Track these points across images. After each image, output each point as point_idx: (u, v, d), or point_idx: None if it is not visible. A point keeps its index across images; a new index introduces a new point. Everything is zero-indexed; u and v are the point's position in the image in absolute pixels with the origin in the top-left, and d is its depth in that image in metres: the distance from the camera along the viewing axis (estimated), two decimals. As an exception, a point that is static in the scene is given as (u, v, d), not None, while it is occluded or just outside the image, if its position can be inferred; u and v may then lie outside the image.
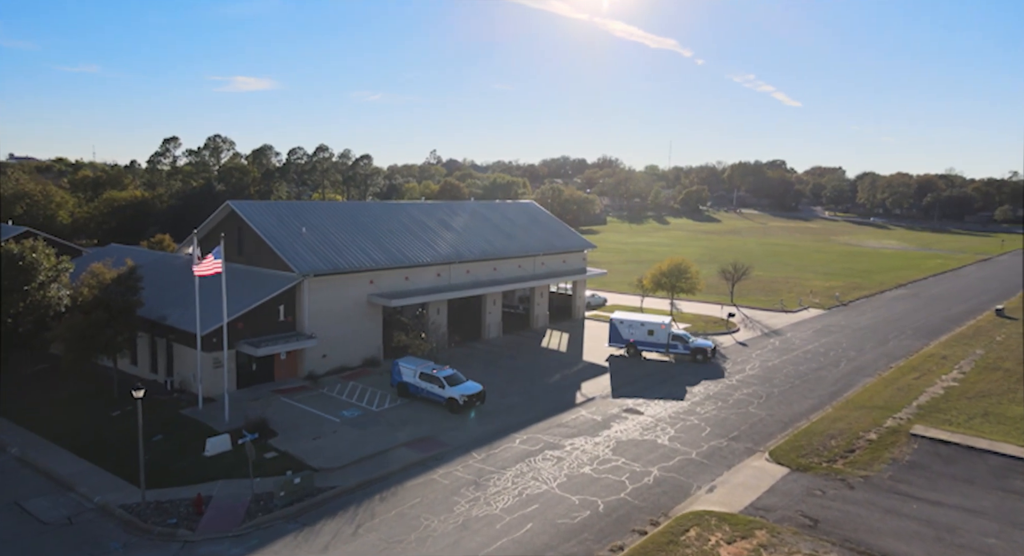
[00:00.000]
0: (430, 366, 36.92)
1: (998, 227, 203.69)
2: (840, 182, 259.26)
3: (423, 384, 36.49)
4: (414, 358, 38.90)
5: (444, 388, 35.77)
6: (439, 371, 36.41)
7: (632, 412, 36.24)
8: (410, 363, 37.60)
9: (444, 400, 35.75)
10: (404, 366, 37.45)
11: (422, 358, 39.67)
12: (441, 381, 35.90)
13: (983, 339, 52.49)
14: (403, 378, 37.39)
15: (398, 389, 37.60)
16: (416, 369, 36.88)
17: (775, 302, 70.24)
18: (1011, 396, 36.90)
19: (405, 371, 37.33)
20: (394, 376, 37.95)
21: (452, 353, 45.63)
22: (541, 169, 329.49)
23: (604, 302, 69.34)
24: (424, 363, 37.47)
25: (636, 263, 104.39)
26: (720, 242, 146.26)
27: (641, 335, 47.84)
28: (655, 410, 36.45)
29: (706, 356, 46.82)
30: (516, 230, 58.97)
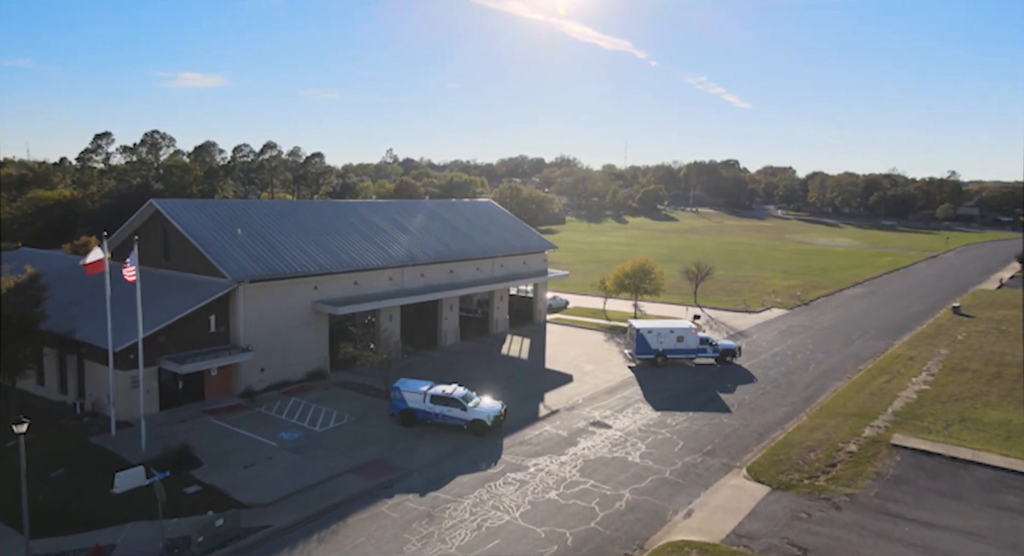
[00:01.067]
0: (438, 387, 32.81)
1: (940, 224, 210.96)
2: (791, 182, 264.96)
3: (436, 408, 32.05)
4: (412, 380, 34.14)
5: (466, 410, 31.83)
6: (454, 391, 32.46)
7: (600, 425, 33.74)
8: (412, 386, 32.88)
9: (467, 423, 31.81)
10: (407, 391, 32.53)
11: (372, 369, 36.34)
12: (460, 402, 31.96)
13: (945, 338, 52.18)
14: (408, 405, 32.40)
15: (401, 418, 32.55)
16: (423, 392, 32.33)
17: (738, 302, 69.21)
18: (984, 399, 35.94)
19: (410, 397, 32.38)
20: (395, 404, 32.81)
21: (406, 363, 42.37)
22: (499, 168, 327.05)
23: (566, 305, 67.01)
24: (427, 384, 33.17)
25: (596, 263, 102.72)
26: (679, 241, 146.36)
27: (671, 343, 45.12)
28: (624, 423, 34.04)
29: (734, 357, 45.52)
30: (474, 231, 55.99)
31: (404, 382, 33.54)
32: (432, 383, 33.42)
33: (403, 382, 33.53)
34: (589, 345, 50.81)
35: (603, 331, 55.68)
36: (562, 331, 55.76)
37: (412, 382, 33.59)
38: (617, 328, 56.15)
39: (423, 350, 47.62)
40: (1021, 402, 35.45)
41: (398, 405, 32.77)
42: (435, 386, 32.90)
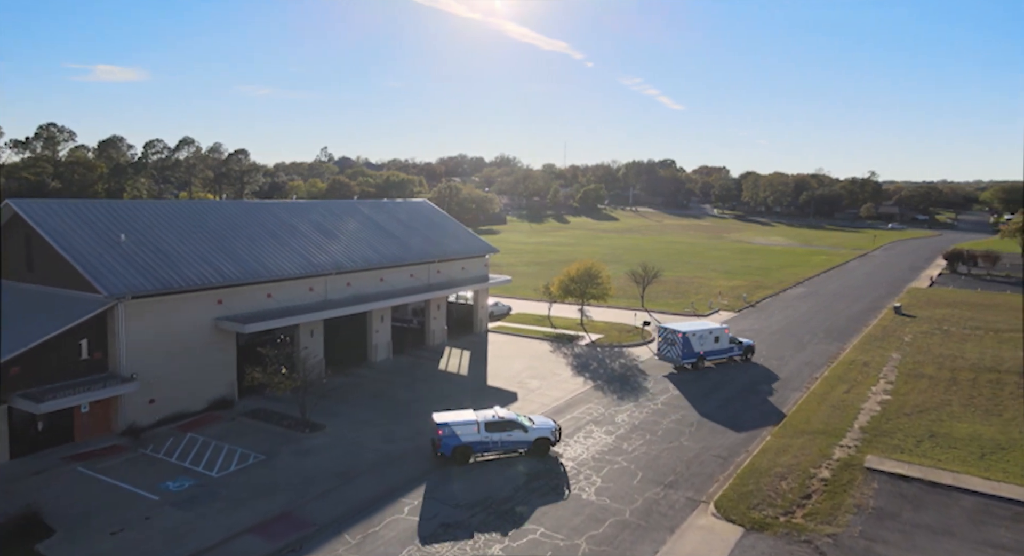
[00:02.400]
0: (488, 412, 29.68)
1: (863, 223, 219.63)
2: (726, 181, 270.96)
3: (496, 436, 28.72)
4: (448, 412, 30.05)
5: (528, 430, 29.14)
6: (507, 413, 29.72)
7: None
8: (461, 418, 28.82)
9: (529, 445, 29.18)
10: (458, 425, 28.40)
11: (288, 397, 31.17)
12: (521, 423, 29.23)
13: (893, 341, 51.24)
14: (463, 440, 28.29)
15: (457, 457, 28.26)
16: (477, 421, 28.62)
17: (685, 305, 67.14)
18: (948, 410, 34.23)
19: (463, 431, 28.33)
20: (445, 442, 28.16)
21: (331, 385, 37.36)
22: (438, 167, 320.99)
23: (508, 311, 63.06)
24: (470, 412, 29.67)
25: (539, 265, 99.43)
26: (621, 241, 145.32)
27: (709, 345, 44.00)
28: (575, 451, 30.29)
29: (752, 353, 46.08)
30: (407, 234, 51.20)
31: (442, 415, 29.34)
32: (471, 410, 30.41)
33: (441, 416, 29.30)
34: (534, 357, 47.03)
35: (549, 340, 52.04)
36: (505, 341, 51.76)
37: (451, 414, 29.56)
38: (563, 337, 52.66)
39: (351, 368, 42.64)
40: (984, 412, 33.90)
41: (450, 442, 28.23)
42: (483, 412, 29.70)
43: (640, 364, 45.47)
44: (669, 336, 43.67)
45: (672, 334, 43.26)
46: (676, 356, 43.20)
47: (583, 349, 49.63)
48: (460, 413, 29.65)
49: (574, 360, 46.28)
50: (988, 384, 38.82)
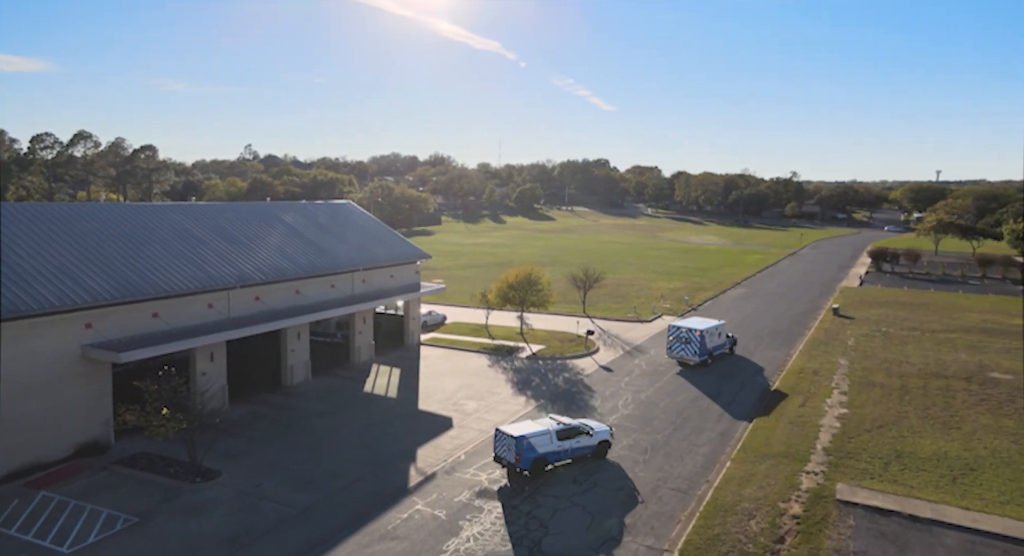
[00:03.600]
0: (552, 420, 29.12)
1: (788, 221, 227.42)
2: (659, 181, 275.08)
3: (566, 444, 28.21)
4: (512, 425, 28.70)
5: (592, 434, 29.16)
6: (570, 421, 29.28)
7: (488, 497, 25.87)
8: (534, 429, 27.79)
9: (593, 449, 29.10)
10: (534, 437, 27.20)
11: (174, 438, 25.77)
12: (585, 428, 29.09)
13: (837, 345, 50.22)
14: (539, 452, 27.23)
15: (533, 470, 27.17)
16: (548, 432, 27.79)
17: (628, 310, 64.71)
18: (907, 424, 32.51)
19: (539, 442, 27.25)
20: (525, 455, 26.82)
21: (233, 418, 32.03)
22: (370, 166, 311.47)
23: (443, 320, 58.72)
24: (536, 422, 29.12)
25: (476, 268, 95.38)
26: (558, 241, 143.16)
27: (715, 341, 45.45)
28: (518, 489, 26.44)
29: (735, 345, 48.40)
30: (328, 239, 46.01)
31: (511, 427, 28.04)
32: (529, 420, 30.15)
33: (511, 428, 27.96)
34: (471, 373, 42.96)
35: (487, 353, 48.07)
36: (439, 356, 47.41)
37: (520, 426, 28.39)
38: (502, 349, 48.82)
39: (261, 395, 37.26)
40: (943, 425, 32.38)
41: (529, 455, 27.02)
42: (543, 421, 29.20)
43: (585, 379, 42.20)
44: (684, 335, 44.31)
45: (689, 332, 44.06)
46: (692, 354, 44.06)
47: (524, 363, 45.96)
48: (526, 424, 28.74)
49: (514, 376, 42.53)
50: (939, 392, 37.69)
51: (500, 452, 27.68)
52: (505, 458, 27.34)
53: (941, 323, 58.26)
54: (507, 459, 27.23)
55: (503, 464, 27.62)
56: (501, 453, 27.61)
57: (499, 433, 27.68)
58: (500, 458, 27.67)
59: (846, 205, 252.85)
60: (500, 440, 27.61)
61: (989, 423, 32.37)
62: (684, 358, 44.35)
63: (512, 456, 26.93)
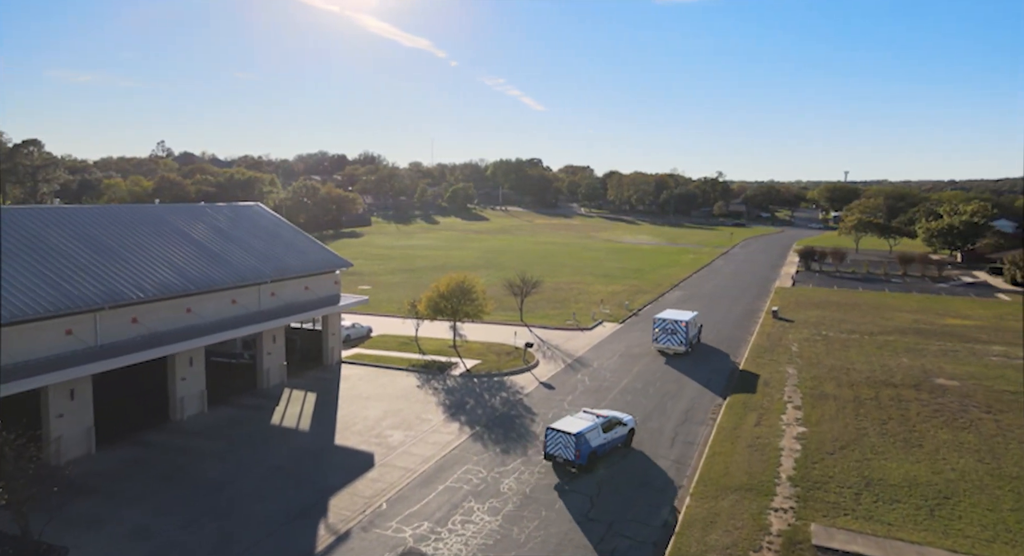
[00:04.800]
0: (596, 413, 30.27)
1: (716, 220, 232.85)
2: (591, 180, 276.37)
3: (608, 436, 29.40)
4: (568, 419, 29.34)
5: (625, 423, 30.99)
6: (605, 412, 30.98)
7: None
8: (585, 425, 28.31)
9: (625, 437, 30.75)
10: (588, 432, 28.01)
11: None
12: (619, 418, 30.90)
13: (782, 351, 48.66)
14: (592, 445, 28.21)
15: (589, 463, 27.94)
16: (596, 425, 28.73)
17: (567, 317, 61.55)
18: (869, 443, 30.45)
19: (592, 436, 28.24)
20: (583, 450, 27.59)
21: (101, 466, 26.24)
22: (296, 165, 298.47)
23: (368, 333, 53.62)
24: (580, 417, 29.55)
25: (407, 273, 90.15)
26: (493, 242, 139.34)
27: (694, 331, 49.44)
28: (453, 547, 22.23)
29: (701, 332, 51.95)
30: (229, 247, 40.17)
31: (565, 423, 28.58)
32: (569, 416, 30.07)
33: (565, 424, 28.53)
34: (398, 396, 38.34)
35: (416, 371, 43.53)
36: (362, 376, 42.47)
37: (570, 422, 28.80)
38: (433, 365, 44.41)
39: (142, 433, 31.39)
40: (904, 443, 30.52)
41: (586, 450, 27.88)
42: (584, 415, 29.87)
43: (525, 399, 38.41)
44: (669, 326, 47.25)
45: (675, 324, 47.00)
46: (678, 343, 46.89)
47: (457, 381, 41.73)
48: (572, 420, 29.13)
49: (447, 398, 38.24)
50: (892, 403, 36.17)
51: (553, 451, 28.17)
52: (561, 456, 27.91)
53: (876, 324, 58.16)
54: (564, 456, 27.81)
55: (557, 462, 28.19)
56: (555, 451, 28.12)
57: (552, 431, 28.19)
58: (552, 456, 28.23)
59: (769, 204, 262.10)
60: (553, 438, 28.15)
61: (949, 438, 30.77)
62: (671, 347, 47.19)
63: (572, 453, 27.55)
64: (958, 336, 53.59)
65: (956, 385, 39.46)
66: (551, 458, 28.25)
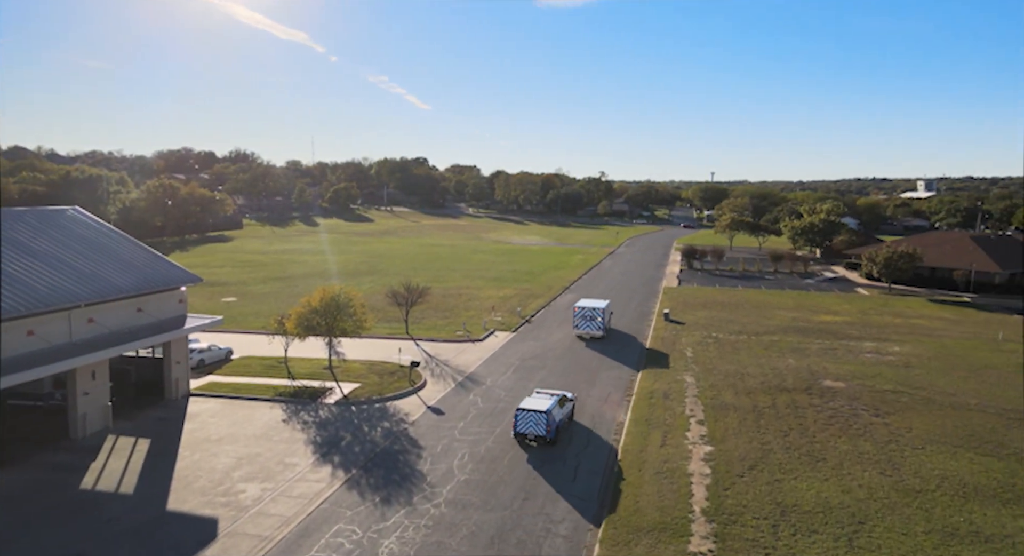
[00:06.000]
0: (542, 393, 33.47)
1: (601, 219, 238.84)
2: (479, 180, 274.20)
3: (564, 410, 32.49)
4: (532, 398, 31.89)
5: (570, 398, 34.20)
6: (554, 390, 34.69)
7: None
8: (548, 403, 30.79)
9: (571, 412, 33.94)
10: (553, 409, 30.55)
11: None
12: (565, 394, 33.74)
13: (678, 358, 47.62)
14: (557, 420, 30.86)
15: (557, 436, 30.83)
16: (555, 400, 31.57)
17: (457, 327, 57.44)
18: (775, 460, 29.04)
19: (556, 411, 30.87)
20: (552, 426, 30.13)
21: None
22: (156, 162, 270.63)
23: (228, 356, 46.48)
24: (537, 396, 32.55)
25: (281, 281, 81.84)
26: (378, 245, 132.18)
27: (609, 317, 54.40)
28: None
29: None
30: (29, 265, 32.02)
31: (532, 402, 31.14)
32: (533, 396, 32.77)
33: (532, 402, 31.12)
34: (258, 436, 32.35)
35: (283, 401, 37.56)
36: (215, 412, 35.84)
37: (535, 401, 31.38)
38: (304, 392, 38.65)
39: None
40: (809, 458, 29.44)
41: (553, 424, 30.55)
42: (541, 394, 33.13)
43: (411, 428, 33.84)
44: (588, 313, 52.41)
45: (593, 311, 52.16)
46: (597, 328, 51.92)
47: (332, 411, 36.32)
48: (536, 399, 31.55)
49: (318, 433, 32.83)
50: (789, 411, 35.52)
51: (523, 429, 30.35)
52: (532, 432, 30.17)
53: (760, 324, 59.33)
54: (535, 433, 30.08)
55: (527, 440, 30.39)
56: (525, 430, 30.34)
57: (522, 411, 30.39)
58: (523, 434, 30.43)
59: (649, 203, 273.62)
60: (524, 417, 30.35)
61: (848, 449, 30.11)
62: (590, 332, 52.15)
63: (543, 429, 29.99)
64: (833, 333, 55.62)
65: (843, 386, 39.87)
66: (521, 436, 30.59)
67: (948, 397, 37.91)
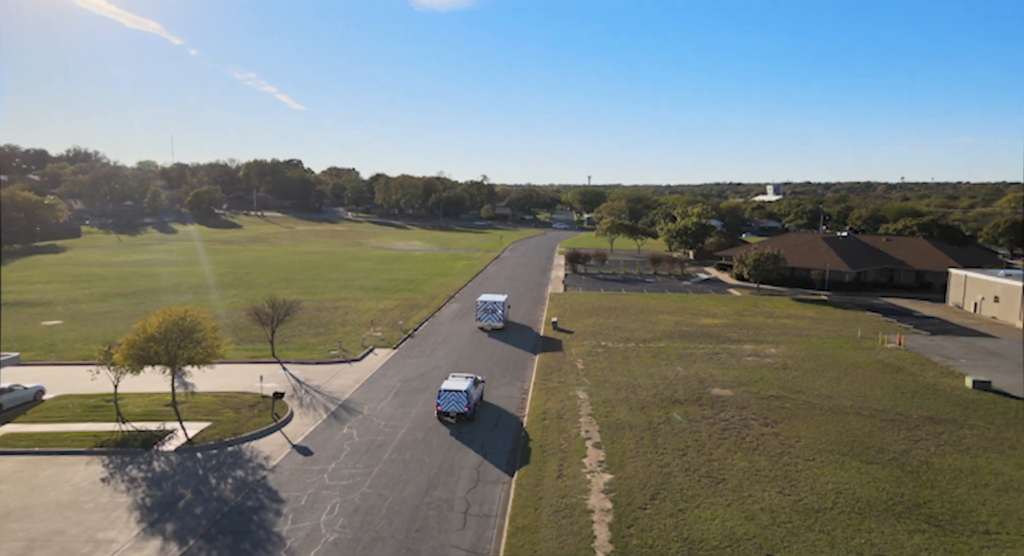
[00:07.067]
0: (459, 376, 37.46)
1: (484, 223, 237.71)
2: (358, 183, 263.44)
3: (479, 390, 37.19)
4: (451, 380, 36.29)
5: (481, 380, 38.65)
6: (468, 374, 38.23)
7: None
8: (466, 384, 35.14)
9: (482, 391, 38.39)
10: (471, 388, 35.11)
11: None
12: (476, 377, 37.63)
13: (569, 371, 45.67)
14: (474, 398, 35.36)
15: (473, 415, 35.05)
16: (471, 381, 36.11)
17: (331, 345, 52.00)
18: (677, 486, 27.33)
19: (473, 391, 35.55)
20: (472, 403, 34.80)
21: None
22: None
23: (38, 397, 38.18)
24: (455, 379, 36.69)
25: (123, 298, 71.23)
26: (244, 254, 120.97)
27: (507, 309, 59.31)
28: None
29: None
30: None
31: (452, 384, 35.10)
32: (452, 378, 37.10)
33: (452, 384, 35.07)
34: (63, 506, 25.77)
35: (104, 454, 30.80)
36: (6, 475, 28.50)
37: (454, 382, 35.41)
38: (135, 438, 32.09)
39: None
40: (709, 480, 28.05)
41: (472, 402, 34.81)
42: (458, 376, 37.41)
43: (271, 476, 28.66)
44: (489, 306, 57.60)
45: (493, 304, 57.56)
46: (498, 320, 57.41)
47: (171, 461, 30.20)
48: (456, 381, 35.74)
49: (148, 495, 26.84)
50: (684, 425, 34.32)
51: (447, 408, 33.85)
52: (453, 411, 33.77)
53: (646, 330, 59.25)
54: (456, 411, 33.67)
55: (449, 417, 34.00)
56: (448, 408, 33.84)
57: (445, 392, 33.89)
58: (447, 413, 33.98)
59: (531, 207, 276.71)
60: (446, 398, 33.72)
61: (746, 466, 29.15)
62: (491, 324, 57.38)
63: (464, 406, 33.67)
64: (715, 337, 56.56)
65: (730, 394, 39.67)
66: (445, 415, 34.30)
67: (826, 400, 38.77)
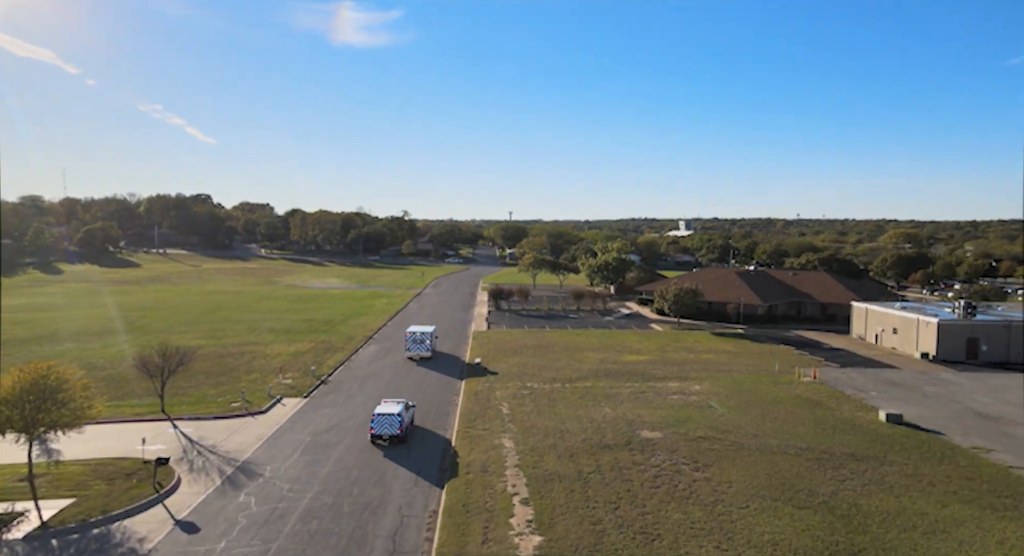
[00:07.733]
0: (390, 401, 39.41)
1: (406, 259, 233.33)
2: (272, 219, 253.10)
3: (410, 414, 39.70)
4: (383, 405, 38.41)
5: (412, 405, 40.96)
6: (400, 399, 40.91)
7: None
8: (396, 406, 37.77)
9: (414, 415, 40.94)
10: (404, 411, 37.57)
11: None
12: (407, 401, 40.20)
13: (493, 415, 43.27)
14: (406, 421, 37.60)
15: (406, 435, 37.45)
16: (403, 405, 38.54)
17: (234, 396, 47.22)
18: (615, 549, 25.33)
19: (406, 414, 37.90)
20: (404, 426, 37.04)
21: None
22: None
23: None
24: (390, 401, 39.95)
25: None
26: (141, 296, 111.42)
27: (435, 340, 62.71)
28: None
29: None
30: None
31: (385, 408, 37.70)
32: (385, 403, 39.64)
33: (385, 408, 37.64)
34: None
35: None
36: None
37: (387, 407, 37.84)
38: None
39: None
40: (644, 538, 26.30)
41: (405, 425, 37.26)
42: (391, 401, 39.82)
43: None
44: (419, 336, 60.24)
45: (423, 335, 60.15)
46: (426, 350, 60.03)
47: (16, 553, 25.15)
48: (387, 405, 37.99)
49: (410, 351, 21.92)
50: (614, 474, 32.66)
51: (380, 431, 36.30)
52: (386, 433, 36.26)
53: (572, 369, 57.94)
54: (389, 433, 36.22)
55: (382, 440, 36.48)
56: (382, 431, 36.29)
57: (379, 416, 36.43)
58: (380, 435, 36.39)
59: (453, 243, 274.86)
60: (380, 421, 36.30)
61: (681, 518, 27.65)
62: (419, 354, 60.03)
63: (396, 429, 36.32)
64: (640, 375, 55.95)
65: (660, 437, 38.55)
66: (378, 438, 36.08)
67: (753, 439, 38.37)
